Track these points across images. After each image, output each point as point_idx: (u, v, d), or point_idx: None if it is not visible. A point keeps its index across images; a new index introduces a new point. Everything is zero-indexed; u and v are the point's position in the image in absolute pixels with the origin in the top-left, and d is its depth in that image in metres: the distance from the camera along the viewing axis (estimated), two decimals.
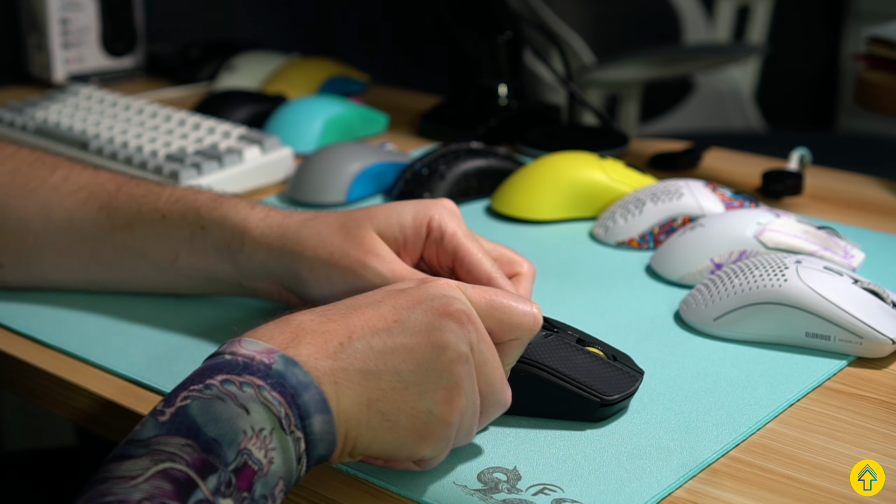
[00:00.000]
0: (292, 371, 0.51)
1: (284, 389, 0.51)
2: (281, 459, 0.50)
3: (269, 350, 0.52)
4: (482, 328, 0.56)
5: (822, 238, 0.79)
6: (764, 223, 0.79)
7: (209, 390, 0.50)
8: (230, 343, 0.53)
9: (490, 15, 1.15)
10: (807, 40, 2.76)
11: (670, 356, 0.70)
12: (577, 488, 0.56)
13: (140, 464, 0.46)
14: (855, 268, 0.78)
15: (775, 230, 0.79)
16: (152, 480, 0.46)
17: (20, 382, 0.73)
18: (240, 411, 0.49)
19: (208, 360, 0.53)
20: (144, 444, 0.47)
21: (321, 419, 0.52)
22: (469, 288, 0.58)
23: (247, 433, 0.49)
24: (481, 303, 0.58)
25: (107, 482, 0.46)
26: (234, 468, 0.48)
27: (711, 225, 0.81)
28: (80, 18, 1.37)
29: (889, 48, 1.27)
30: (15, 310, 0.77)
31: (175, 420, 0.48)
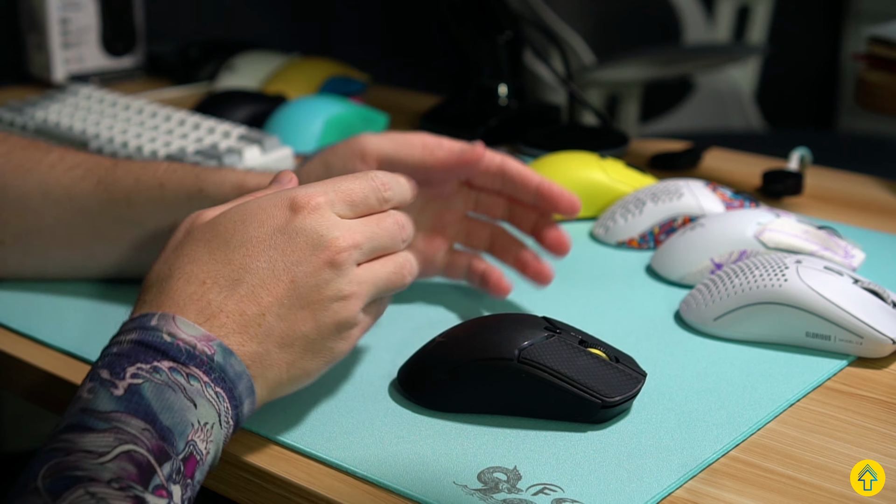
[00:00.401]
0: (230, 362, 0.55)
1: (224, 384, 0.55)
2: (215, 449, 0.54)
3: (207, 338, 0.55)
4: (360, 245, 0.59)
5: (822, 238, 0.79)
6: (764, 223, 0.79)
7: (158, 375, 0.52)
8: (163, 320, 0.55)
9: (490, 15, 1.15)
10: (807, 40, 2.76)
11: (670, 356, 0.70)
12: (577, 488, 0.56)
13: (104, 440, 0.49)
14: (855, 268, 0.78)
15: (775, 230, 0.79)
16: (118, 461, 0.48)
17: (20, 382, 0.73)
18: (189, 405, 0.52)
19: (141, 331, 0.54)
20: (105, 419, 0.50)
21: (249, 402, 0.56)
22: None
23: (194, 426, 0.52)
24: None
25: (72, 454, 0.48)
26: (183, 457, 0.51)
27: (711, 225, 0.81)
28: (80, 18, 1.37)
29: (889, 48, 1.27)
30: (15, 309, 0.77)
31: (130, 399, 0.51)
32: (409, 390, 0.65)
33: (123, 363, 0.52)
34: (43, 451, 0.49)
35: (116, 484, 0.48)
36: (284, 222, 0.58)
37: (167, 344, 0.54)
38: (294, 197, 0.59)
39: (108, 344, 0.56)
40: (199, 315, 0.56)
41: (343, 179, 0.61)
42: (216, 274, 0.57)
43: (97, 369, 0.53)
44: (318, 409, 0.64)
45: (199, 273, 0.57)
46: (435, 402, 0.64)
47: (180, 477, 0.50)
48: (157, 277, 0.59)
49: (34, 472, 0.48)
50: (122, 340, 0.54)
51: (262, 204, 0.59)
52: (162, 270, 0.59)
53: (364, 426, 0.62)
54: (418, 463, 0.59)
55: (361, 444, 0.61)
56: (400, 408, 0.64)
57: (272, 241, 0.58)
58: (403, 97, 1.34)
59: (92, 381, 0.52)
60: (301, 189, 0.60)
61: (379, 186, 0.61)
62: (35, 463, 0.48)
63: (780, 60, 2.50)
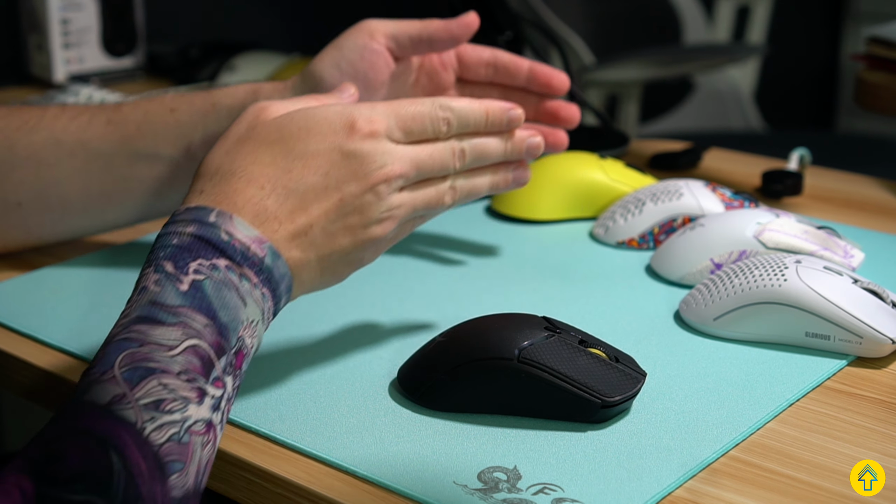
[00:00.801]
0: (276, 264, 0.59)
1: (269, 285, 0.59)
2: (258, 343, 0.59)
3: (260, 240, 0.59)
4: (406, 174, 0.63)
5: (822, 238, 0.79)
6: (764, 223, 0.79)
7: (217, 272, 0.57)
8: (221, 217, 0.58)
9: (490, 15, 1.14)
10: (807, 40, 2.76)
11: (670, 356, 0.70)
12: (577, 488, 0.56)
13: (173, 334, 0.54)
14: (855, 268, 0.78)
15: (775, 230, 0.79)
16: (186, 354, 0.54)
17: (20, 382, 0.73)
18: (240, 303, 0.57)
19: (199, 225, 0.58)
20: (173, 313, 0.55)
21: (285, 300, 0.61)
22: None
23: (243, 322, 0.57)
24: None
25: (145, 345, 0.53)
26: (234, 351, 0.56)
27: (711, 225, 0.81)
28: (81, 18, 1.37)
29: (889, 48, 1.27)
30: (15, 309, 0.78)
31: (194, 296, 0.56)
32: (409, 390, 0.65)
33: (186, 257, 0.57)
34: (115, 339, 0.54)
35: (185, 376, 0.53)
36: (342, 141, 0.62)
37: (224, 243, 0.58)
38: (355, 119, 0.62)
39: (166, 232, 0.59)
40: (255, 218, 0.59)
41: (405, 104, 0.64)
42: (275, 181, 0.61)
43: (160, 260, 0.57)
44: (318, 409, 0.64)
45: (260, 177, 0.60)
46: (435, 402, 0.64)
47: (232, 369, 0.56)
48: (216, 168, 0.62)
49: (111, 360, 0.53)
50: (182, 232, 0.58)
51: (327, 116, 0.62)
52: (223, 163, 0.62)
53: (364, 426, 0.62)
54: (418, 463, 0.59)
55: (361, 444, 0.61)
56: (400, 408, 0.64)
57: (329, 158, 0.61)
58: None
59: (157, 273, 0.56)
60: (364, 110, 0.63)
61: (440, 115, 0.65)
62: (110, 350, 0.53)
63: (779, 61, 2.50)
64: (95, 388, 0.52)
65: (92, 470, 0.49)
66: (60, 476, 0.49)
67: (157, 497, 0.50)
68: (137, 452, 0.50)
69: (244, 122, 0.64)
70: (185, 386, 0.53)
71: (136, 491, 0.49)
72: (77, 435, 0.50)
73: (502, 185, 0.70)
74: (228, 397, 0.56)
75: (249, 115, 0.64)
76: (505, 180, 0.70)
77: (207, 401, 0.54)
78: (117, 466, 0.49)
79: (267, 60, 1.32)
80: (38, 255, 0.88)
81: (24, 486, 0.48)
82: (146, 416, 0.51)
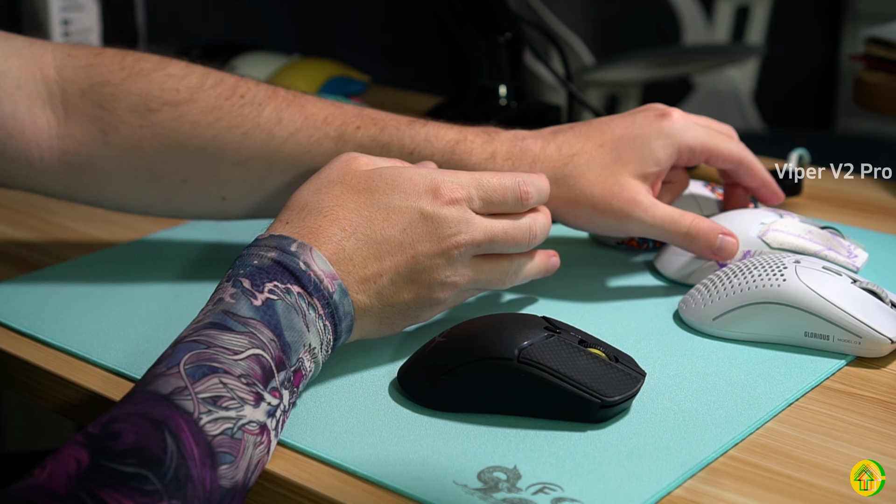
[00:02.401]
0: (343, 302, 0.63)
1: (333, 320, 0.63)
2: (315, 369, 0.63)
3: (333, 276, 0.63)
4: (479, 244, 0.67)
5: (825, 238, 0.79)
6: (768, 223, 0.79)
7: (289, 297, 0.61)
8: (302, 249, 0.63)
9: (490, 15, 1.15)
10: (806, 41, 2.76)
11: (670, 356, 0.70)
12: (577, 487, 0.57)
13: (241, 341, 0.58)
14: (859, 268, 0.79)
15: (779, 230, 0.79)
16: (249, 361, 0.57)
17: (21, 381, 0.73)
18: (304, 329, 0.61)
19: (280, 252, 0.62)
20: (243, 323, 0.59)
21: (344, 339, 0.65)
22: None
23: (304, 347, 0.61)
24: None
25: (212, 347, 0.57)
26: (293, 370, 0.60)
27: (720, 221, 0.81)
28: (82, 19, 1.37)
29: (887, 49, 1.27)
30: (15, 309, 0.78)
31: (266, 312, 0.60)
32: (409, 390, 0.65)
33: (263, 278, 0.61)
34: (184, 340, 0.58)
35: (245, 379, 0.57)
36: (424, 203, 0.66)
37: (301, 271, 0.62)
38: (439, 184, 0.66)
39: (248, 253, 0.63)
40: (333, 256, 0.64)
41: (489, 176, 0.68)
42: (356, 226, 0.65)
43: (239, 277, 0.61)
44: (318, 409, 0.64)
45: (343, 219, 0.65)
46: (435, 402, 0.64)
47: (290, 384, 0.60)
48: (303, 204, 0.66)
49: (177, 358, 0.56)
50: (263, 256, 0.62)
51: (413, 178, 0.67)
52: (311, 201, 0.66)
53: (364, 426, 0.63)
54: (418, 462, 0.59)
55: (361, 444, 0.61)
56: (400, 408, 0.64)
57: (409, 215, 0.66)
58: (403, 97, 1.34)
59: (234, 288, 0.61)
60: (448, 177, 0.67)
61: (521, 191, 0.69)
62: (178, 350, 0.57)
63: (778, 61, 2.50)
64: (159, 380, 0.55)
65: (146, 446, 0.51)
66: (115, 449, 0.51)
67: (206, 482, 0.53)
68: (191, 438, 0.53)
69: (336, 168, 0.68)
70: (244, 388, 0.56)
71: (187, 472, 0.52)
72: (135, 417, 0.53)
73: (546, 272, 0.74)
74: (284, 409, 0.59)
75: (342, 162, 0.69)
76: (549, 267, 0.75)
77: (263, 406, 0.57)
78: (171, 447, 0.52)
79: (267, 61, 1.32)
80: (38, 255, 0.88)
81: (81, 456, 0.51)
82: (203, 408, 0.54)
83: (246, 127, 0.77)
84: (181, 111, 0.77)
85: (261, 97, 0.78)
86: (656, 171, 0.77)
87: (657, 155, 0.77)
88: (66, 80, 0.77)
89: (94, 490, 0.49)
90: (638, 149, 0.77)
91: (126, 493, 0.50)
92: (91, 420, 0.68)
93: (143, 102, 0.77)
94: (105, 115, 0.77)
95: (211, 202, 0.80)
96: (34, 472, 0.50)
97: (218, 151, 0.77)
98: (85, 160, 0.77)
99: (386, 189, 0.66)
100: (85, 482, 0.50)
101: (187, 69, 0.79)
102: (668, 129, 0.77)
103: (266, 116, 0.78)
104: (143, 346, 0.72)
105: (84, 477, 0.50)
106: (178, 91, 0.77)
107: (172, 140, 0.77)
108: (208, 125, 0.77)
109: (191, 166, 0.78)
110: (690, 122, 0.79)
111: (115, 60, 0.78)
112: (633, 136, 0.77)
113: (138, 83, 0.77)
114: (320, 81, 1.28)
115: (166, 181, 0.79)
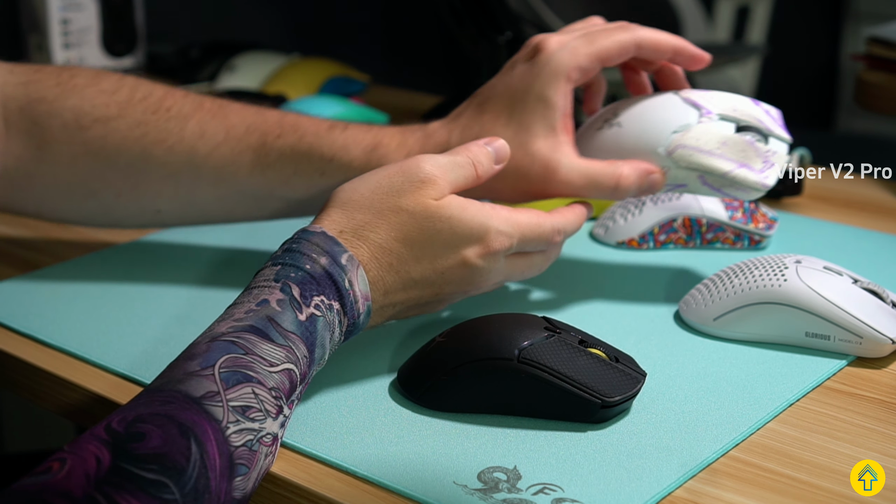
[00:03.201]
0: (363, 323, 0.64)
1: (349, 337, 0.64)
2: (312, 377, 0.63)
3: (366, 298, 0.64)
4: (500, 283, 0.70)
5: (740, 148, 0.73)
6: (681, 130, 0.72)
7: (330, 314, 0.61)
8: (351, 264, 0.63)
9: (490, 15, 1.15)
10: (807, 40, 2.76)
11: (670, 356, 0.70)
12: (577, 488, 0.56)
13: (278, 354, 0.58)
14: (767, 186, 0.73)
15: (688, 146, 0.72)
16: (281, 375, 0.58)
17: (20, 382, 0.73)
18: (328, 346, 0.62)
19: (332, 262, 0.62)
20: (285, 336, 0.59)
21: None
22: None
23: (322, 362, 0.62)
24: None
25: (250, 354, 0.57)
26: (308, 381, 0.61)
27: (630, 126, 0.75)
28: (81, 19, 1.37)
29: (888, 48, 1.27)
30: (15, 309, 0.78)
31: (308, 328, 0.60)
32: (409, 390, 0.65)
33: (313, 290, 0.61)
34: (222, 338, 0.57)
35: (274, 392, 0.57)
36: (470, 254, 0.66)
37: (345, 290, 0.62)
38: (489, 235, 0.66)
39: (300, 249, 0.62)
40: (372, 281, 0.64)
41: (532, 225, 0.68)
42: (402, 263, 0.65)
43: (289, 282, 0.61)
44: (318, 409, 0.64)
45: (394, 255, 0.65)
46: (435, 402, 0.64)
47: (300, 395, 0.60)
48: (363, 222, 0.65)
49: (213, 358, 0.56)
50: (315, 260, 0.62)
51: (472, 227, 0.65)
52: (370, 222, 0.65)
53: (364, 426, 0.63)
54: (418, 463, 0.59)
55: (361, 444, 0.61)
56: (400, 408, 0.64)
57: (451, 264, 0.66)
58: (403, 97, 1.34)
59: (283, 294, 0.60)
60: (500, 226, 0.66)
61: (553, 241, 0.69)
62: (214, 349, 0.57)
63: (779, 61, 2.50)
64: (192, 380, 0.55)
65: (170, 452, 0.51)
66: (139, 452, 0.51)
67: (221, 494, 0.53)
68: (216, 448, 0.53)
69: (409, 191, 0.65)
70: (272, 401, 0.57)
71: (206, 483, 0.52)
72: (163, 419, 0.52)
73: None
74: (289, 417, 0.60)
75: (415, 184, 0.65)
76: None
77: (280, 418, 0.58)
78: (195, 455, 0.52)
79: (267, 60, 1.32)
80: (38, 255, 0.88)
81: (103, 455, 0.50)
82: (232, 417, 0.54)
83: (170, 141, 0.78)
84: (110, 127, 0.77)
85: (186, 110, 0.78)
86: (559, 115, 0.73)
87: (551, 101, 0.72)
88: (7, 96, 0.77)
89: (111, 494, 0.49)
90: (531, 105, 0.72)
91: (144, 500, 0.49)
92: (90, 420, 0.68)
93: (75, 119, 0.77)
94: (40, 131, 0.77)
95: (146, 215, 0.81)
96: (51, 466, 0.50)
97: (146, 166, 0.78)
98: (24, 176, 0.78)
99: (445, 235, 0.65)
100: (103, 485, 0.49)
101: (119, 83, 0.79)
102: (547, 66, 0.73)
103: (190, 130, 0.78)
104: (143, 347, 0.72)
105: (103, 479, 0.49)
106: (108, 106, 0.77)
107: (103, 157, 0.78)
108: (135, 140, 0.77)
109: (122, 182, 0.79)
110: (566, 42, 0.74)
111: (52, 76, 0.78)
112: (521, 93, 0.73)
113: (72, 99, 0.77)
114: (320, 81, 1.28)
115: (101, 196, 0.79)
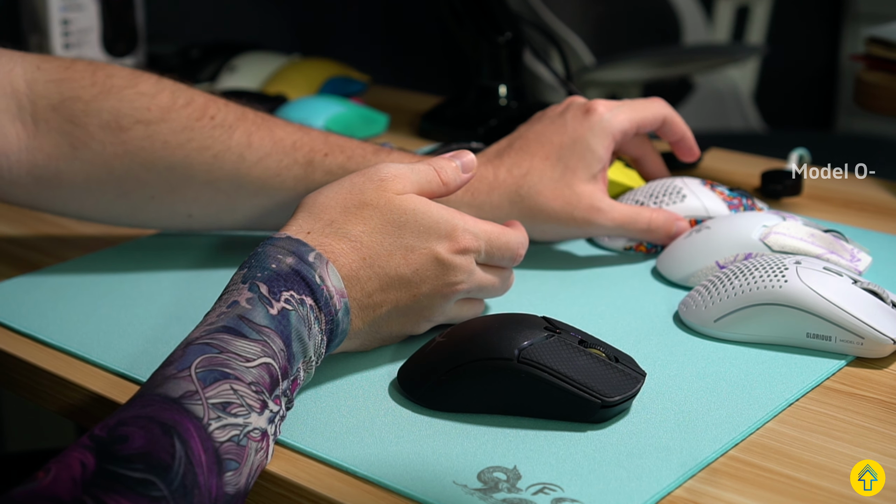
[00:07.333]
0: (343, 320, 0.64)
1: (331, 335, 0.64)
2: (307, 378, 0.63)
3: (342, 294, 0.64)
4: (470, 291, 0.70)
5: (828, 241, 0.79)
6: (770, 226, 0.79)
7: (303, 308, 0.62)
8: (319, 261, 0.63)
9: (490, 15, 1.15)
10: (806, 41, 2.76)
11: (670, 356, 0.70)
12: (577, 487, 0.56)
13: (254, 349, 0.58)
14: (861, 271, 0.78)
15: (781, 233, 0.79)
16: (259, 369, 0.58)
17: (20, 381, 0.73)
18: (308, 343, 0.62)
19: (298, 260, 0.62)
20: (258, 331, 0.59)
21: (330, 351, 0.65)
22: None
23: (304, 358, 0.62)
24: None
25: (224, 353, 0.57)
26: (292, 378, 0.61)
27: (717, 228, 0.81)
28: (81, 19, 1.37)
29: (888, 49, 1.27)
30: (15, 309, 0.78)
31: (280, 321, 0.60)
32: (409, 390, 0.65)
33: (281, 286, 0.61)
34: (196, 342, 0.58)
35: (254, 387, 0.57)
36: (440, 249, 0.67)
37: (316, 285, 0.63)
38: (457, 232, 0.67)
39: (265, 252, 0.63)
40: (346, 276, 0.65)
41: (500, 234, 0.70)
42: (375, 257, 0.66)
43: (256, 280, 0.61)
44: (318, 409, 0.64)
45: (365, 249, 0.66)
46: (435, 402, 0.64)
47: (289, 392, 0.61)
48: (330, 220, 0.66)
49: (188, 361, 0.56)
50: (281, 260, 0.63)
51: (439, 221, 0.67)
52: (337, 219, 0.66)
53: (364, 426, 0.63)
54: (418, 463, 0.59)
55: (361, 444, 0.61)
56: (400, 408, 0.64)
57: (424, 258, 0.67)
58: (403, 97, 1.34)
59: (251, 292, 0.61)
60: (467, 226, 0.68)
61: (518, 254, 0.71)
62: (189, 352, 0.57)
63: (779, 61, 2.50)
64: (169, 383, 0.55)
65: (154, 451, 0.51)
66: (123, 453, 0.51)
67: (212, 489, 0.53)
68: (200, 444, 0.53)
69: (371, 189, 0.67)
70: (253, 396, 0.57)
71: (194, 479, 0.52)
72: (144, 420, 0.53)
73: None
74: (282, 416, 0.60)
75: (377, 182, 0.67)
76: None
77: (266, 413, 0.58)
78: (179, 452, 0.52)
79: (267, 61, 1.32)
80: (38, 255, 0.88)
81: (87, 460, 0.51)
82: (213, 413, 0.55)
83: (216, 149, 0.78)
84: (152, 130, 0.78)
85: (230, 119, 0.79)
86: (601, 167, 0.82)
87: (598, 153, 0.82)
88: (37, 93, 0.77)
89: (99, 495, 0.49)
90: (580, 153, 0.82)
91: (132, 499, 0.49)
92: (90, 420, 0.68)
93: (115, 120, 0.77)
94: (76, 130, 0.77)
95: (176, 218, 0.82)
96: (37, 475, 0.50)
97: (187, 172, 0.78)
98: (53, 173, 0.78)
99: (412, 227, 0.67)
100: (90, 487, 0.49)
101: (158, 86, 0.79)
102: (598, 124, 0.82)
103: (236, 139, 0.79)
104: (143, 347, 0.72)
105: (89, 482, 0.49)
106: (150, 110, 0.78)
107: (142, 158, 0.78)
108: (179, 145, 0.78)
109: (159, 184, 0.79)
110: (613, 107, 0.84)
111: (86, 75, 0.78)
112: (572, 141, 0.82)
113: (110, 100, 0.77)
114: (320, 81, 1.28)
115: (134, 197, 0.80)
